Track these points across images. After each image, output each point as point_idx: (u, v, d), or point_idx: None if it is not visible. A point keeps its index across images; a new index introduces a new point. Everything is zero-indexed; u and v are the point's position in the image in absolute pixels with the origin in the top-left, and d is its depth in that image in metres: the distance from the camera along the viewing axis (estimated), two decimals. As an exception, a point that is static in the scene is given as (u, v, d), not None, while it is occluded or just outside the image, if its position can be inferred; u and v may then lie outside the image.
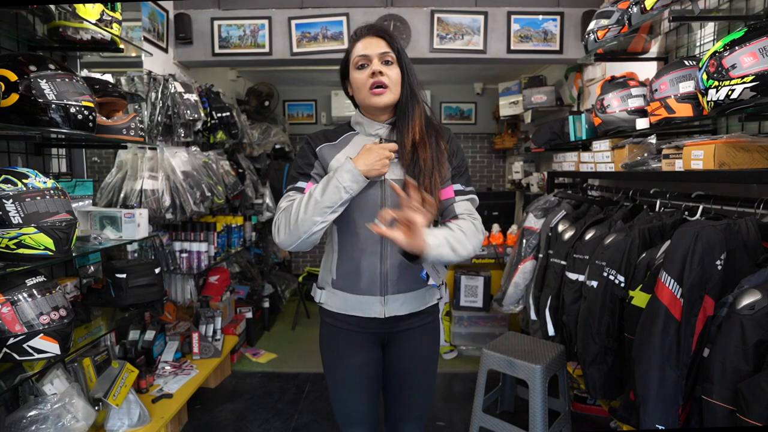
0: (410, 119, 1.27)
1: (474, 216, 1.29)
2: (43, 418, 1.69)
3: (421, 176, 1.24)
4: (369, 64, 1.25)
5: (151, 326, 2.66)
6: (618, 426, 2.04)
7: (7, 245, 1.43)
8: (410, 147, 1.25)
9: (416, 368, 1.40)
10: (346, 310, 1.33)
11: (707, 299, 1.34)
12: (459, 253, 1.19)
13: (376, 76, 1.23)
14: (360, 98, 1.29)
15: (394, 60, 1.26)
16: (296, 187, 1.28)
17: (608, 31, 2.11)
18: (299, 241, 1.21)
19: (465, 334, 3.42)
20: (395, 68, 1.26)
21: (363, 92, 1.26)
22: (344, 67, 1.32)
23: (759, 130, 1.78)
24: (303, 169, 1.31)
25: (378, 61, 1.24)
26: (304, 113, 5.64)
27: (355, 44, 1.28)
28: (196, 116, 2.83)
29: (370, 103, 1.26)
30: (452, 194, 1.30)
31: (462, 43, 3.24)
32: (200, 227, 3.04)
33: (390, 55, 1.25)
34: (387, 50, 1.25)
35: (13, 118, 1.47)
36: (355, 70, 1.27)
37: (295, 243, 1.21)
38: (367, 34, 1.27)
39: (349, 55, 1.29)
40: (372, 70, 1.23)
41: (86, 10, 1.88)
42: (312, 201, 1.18)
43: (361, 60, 1.25)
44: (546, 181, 3.25)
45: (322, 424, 2.53)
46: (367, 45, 1.25)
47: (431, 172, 1.24)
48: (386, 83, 1.24)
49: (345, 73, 1.33)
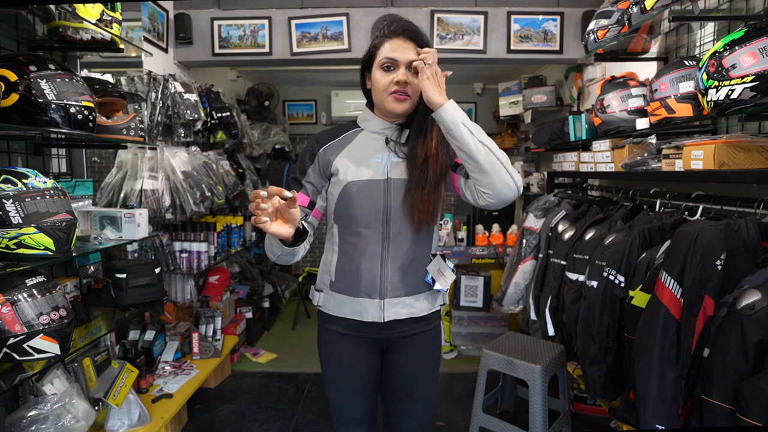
0: (428, 131, 1.23)
1: None
2: (43, 418, 1.69)
3: (426, 186, 1.22)
4: (396, 68, 1.20)
5: (151, 326, 2.65)
6: (618, 426, 2.04)
7: (7, 245, 1.43)
8: (422, 160, 1.23)
9: (417, 379, 1.37)
10: (345, 313, 1.30)
11: (707, 299, 1.34)
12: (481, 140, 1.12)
13: (400, 86, 1.20)
14: (378, 99, 1.25)
15: None
16: None
17: (608, 31, 2.11)
18: (273, 260, 1.22)
19: (465, 334, 3.42)
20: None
21: (383, 95, 1.23)
22: (367, 60, 1.27)
23: (759, 130, 1.78)
24: (297, 174, 1.30)
25: (405, 68, 1.20)
26: (304, 113, 5.63)
27: (384, 42, 1.22)
28: (196, 116, 2.83)
29: (389, 108, 1.24)
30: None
31: (462, 43, 3.24)
32: (200, 227, 3.04)
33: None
34: (416, 57, 1.20)
35: (13, 118, 1.47)
36: (378, 69, 1.22)
37: (272, 260, 1.23)
38: (400, 35, 1.21)
39: (375, 51, 1.23)
40: (397, 78, 1.19)
41: (86, 10, 1.88)
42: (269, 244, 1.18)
43: (388, 62, 1.21)
44: (546, 181, 3.25)
45: (322, 424, 2.53)
46: (397, 47, 1.20)
47: (437, 181, 1.23)
48: (409, 93, 1.21)
49: (366, 65, 1.28)
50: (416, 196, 1.23)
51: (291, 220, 1.05)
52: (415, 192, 1.23)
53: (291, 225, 1.06)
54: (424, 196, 1.22)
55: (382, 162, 1.26)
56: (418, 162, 1.23)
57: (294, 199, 1.00)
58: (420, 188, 1.23)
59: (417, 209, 1.23)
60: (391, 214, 1.25)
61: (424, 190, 1.22)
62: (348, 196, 1.25)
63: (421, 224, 1.25)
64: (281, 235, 1.05)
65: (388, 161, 1.26)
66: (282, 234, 1.05)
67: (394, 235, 1.26)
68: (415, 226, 1.25)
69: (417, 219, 1.24)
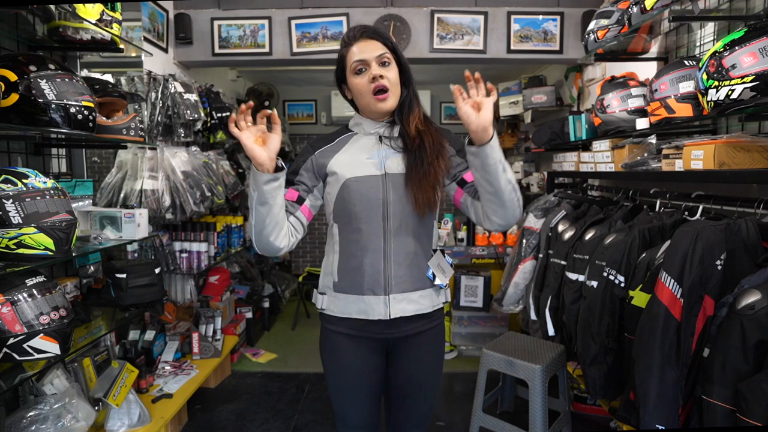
0: (411, 110, 1.29)
1: None
2: (43, 418, 1.69)
3: (426, 159, 1.24)
4: (367, 68, 1.24)
5: (151, 326, 2.65)
6: (618, 426, 2.04)
7: (7, 245, 1.43)
8: (415, 133, 1.27)
9: (421, 378, 1.38)
10: (350, 313, 1.30)
11: (707, 299, 1.34)
12: (509, 177, 1.17)
13: (377, 81, 1.23)
14: (363, 104, 1.29)
15: (391, 60, 1.26)
16: None
17: (608, 31, 2.11)
18: (257, 245, 1.24)
19: (465, 334, 3.42)
20: (393, 68, 1.26)
21: (366, 98, 1.26)
22: (340, 72, 1.31)
23: (759, 130, 1.78)
24: (290, 174, 1.32)
25: (376, 64, 1.24)
26: (304, 113, 5.63)
27: (349, 48, 1.26)
28: (196, 116, 2.83)
29: (376, 109, 1.26)
30: (473, 178, 1.27)
31: (462, 43, 3.24)
32: (200, 227, 3.04)
33: (386, 55, 1.25)
34: (383, 51, 1.25)
35: (13, 118, 1.47)
36: (353, 75, 1.26)
37: (257, 247, 1.24)
38: (361, 38, 1.26)
39: (345, 60, 1.28)
40: (372, 75, 1.23)
41: (86, 10, 1.88)
42: (251, 218, 1.20)
43: (359, 65, 1.24)
44: (546, 181, 3.25)
45: (322, 424, 2.53)
46: (362, 48, 1.24)
47: (436, 155, 1.25)
48: (387, 86, 1.24)
49: (341, 77, 1.32)
50: (415, 177, 1.24)
51: (269, 146, 1.09)
52: (415, 174, 1.24)
53: (267, 151, 1.09)
54: (423, 175, 1.24)
55: (378, 159, 1.28)
56: (413, 136, 1.26)
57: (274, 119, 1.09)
58: (419, 167, 1.24)
59: (418, 190, 1.24)
60: (390, 209, 1.26)
61: (422, 168, 1.24)
62: (347, 193, 1.26)
63: (423, 207, 1.25)
64: (255, 156, 1.08)
65: (384, 157, 1.28)
66: (256, 152, 1.08)
67: (395, 230, 1.26)
68: (417, 210, 1.26)
69: (420, 201, 1.24)
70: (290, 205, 1.27)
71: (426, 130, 1.28)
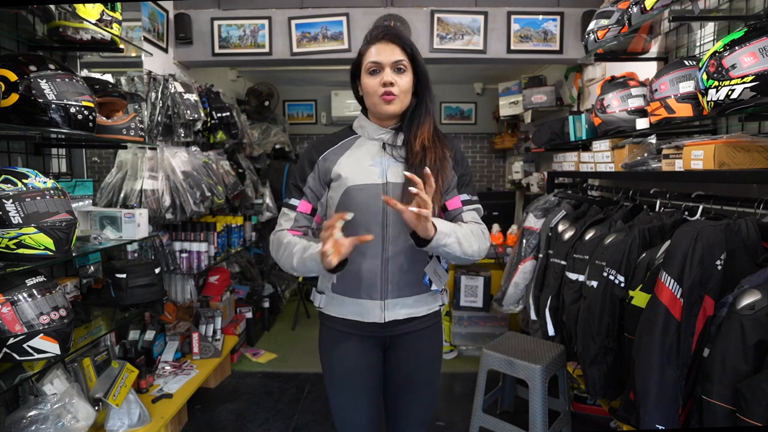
0: (420, 123, 1.28)
1: (481, 224, 1.32)
2: (43, 418, 1.69)
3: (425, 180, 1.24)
4: (381, 70, 1.24)
5: (151, 326, 2.65)
6: (618, 426, 2.04)
7: (7, 245, 1.44)
8: (420, 149, 1.26)
9: (419, 373, 1.38)
10: (346, 314, 1.32)
11: (707, 299, 1.34)
12: (464, 249, 1.21)
13: (387, 87, 1.23)
14: (370, 103, 1.29)
15: (408, 67, 1.26)
16: (290, 205, 1.33)
17: (608, 31, 2.11)
18: (288, 272, 1.28)
19: (465, 334, 3.42)
20: (407, 75, 1.26)
21: (374, 98, 1.26)
22: (355, 68, 1.32)
23: (759, 130, 1.78)
24: (297, 182, 1.33)
25: (390, 69, 1.24)
26: (304, 113, 5.63)
27: (368, 48, 1.26)
28: (196, 116, 2.83)
29: (381, 110, 1.27)
30: (460, 204, 1.32)
31: (462, 43, 3.24)
32: (200, 227, 3.04)
33: (403, 62, 1.25)
34: (401, 58, 1.25)
35: (13, 118, 1.47)
36: (366, 74, 1.26)
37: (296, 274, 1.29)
38: (382, 39, 1.25)
39: (362, 58, 1.28)
40: (383, 81, 1.23)
41: (86, 10, 1.88)
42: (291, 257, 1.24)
43: (374, 66, 1.24)
44: (546, 181, 3.25)
45: (322, 424, 2.53)
46: (380, 51, 1.24)
47: (436, 175, 1.25)
48: (396, 93, 1.24)
49: (355, 74, 1.32)
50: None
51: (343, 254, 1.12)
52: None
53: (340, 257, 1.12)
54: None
55: (380, 167, 1.28)
56: (416, 152, 1.26)
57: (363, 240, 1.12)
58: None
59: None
60: (390, 218, 1.26)
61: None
62: (349, 200, 1.27)
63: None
64: (331, 264, 1.11)
65: (387, 166, 1.28)
66: (333, 262, 1.11)
67: (394, 238, 1.27)
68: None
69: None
70: (306, 218, 1.33)
71: (431, 147, 1.27)
